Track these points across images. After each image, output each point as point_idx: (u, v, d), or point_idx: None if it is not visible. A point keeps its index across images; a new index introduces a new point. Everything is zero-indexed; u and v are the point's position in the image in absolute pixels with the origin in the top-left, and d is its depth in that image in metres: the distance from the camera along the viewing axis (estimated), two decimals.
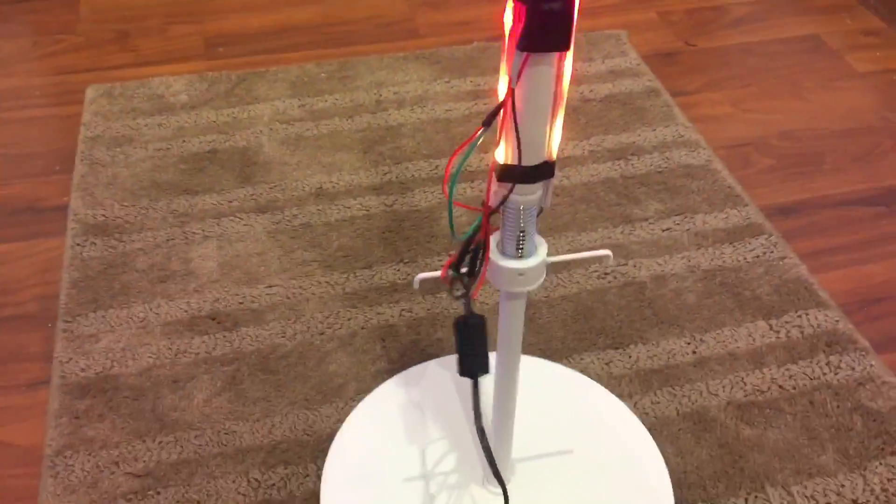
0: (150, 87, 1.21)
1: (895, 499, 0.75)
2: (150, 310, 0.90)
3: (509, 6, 0.45)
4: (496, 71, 1.25)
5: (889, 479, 0.76)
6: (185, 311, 0.90)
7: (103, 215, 1.01)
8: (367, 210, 1.03)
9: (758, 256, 0.97)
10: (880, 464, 0.77)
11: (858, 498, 0.75)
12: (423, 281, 0.56)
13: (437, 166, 1.10)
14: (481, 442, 0.59)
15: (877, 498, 0.75)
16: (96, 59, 1.28)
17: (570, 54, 0.47)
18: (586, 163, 1.10)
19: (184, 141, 1.12)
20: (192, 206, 1.03)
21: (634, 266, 0.96)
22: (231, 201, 1.04)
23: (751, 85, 1.25)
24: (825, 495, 0.75)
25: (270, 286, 0.93)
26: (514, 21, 0.45)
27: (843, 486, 0.76)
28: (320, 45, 1.33)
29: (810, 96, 1.23)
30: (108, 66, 1.27)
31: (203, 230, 1.00)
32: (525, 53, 0.45)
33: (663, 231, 1.01)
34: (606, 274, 0.95)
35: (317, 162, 1.10)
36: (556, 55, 0.46)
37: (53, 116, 1.17)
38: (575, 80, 1.24)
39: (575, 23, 0.44)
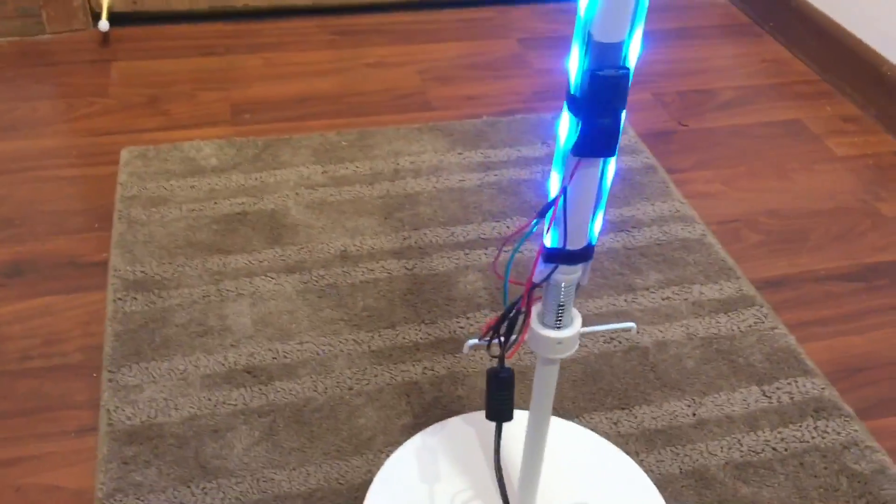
0: (181, 150, 1.29)
1: None
2: (190, 363, 0.97)
3: (564, 118, 0.54)
4: (505, 145, 1.35)
5: None
6: (223, 365, 0.97)
7: (142, 272, 1.08)
8: (389, 273, 1.11)
9: (750, 326, 1.06)
10: None
11: None
12: (472, 347, 0.64)
13: (452, 233, 1.18)
14: (497, 476, 0.66)
15: None
16: (129, 121, 1.36)
17: (614, 158, 0.55)
18: None
19: (215, 203, 1.20)
20: (225, 264, 1.10)
21: (638, 332, 1.04)
22: (262, 261, 1.11)
23: (739, 165, 1.35)
24: None
25: (301, 343, 1.00)
26: (568, 131, 0.54)
27: None
28: (340, 114, 1.41)
29: (794, 177, 1.33)
30: (140, 128, 1.35)
31: (237, 288, 1.07)
32: (577, 158, 0.54)
33: (663, 300, 1.09)
34: (612, 339, 1.03)
35: (340, 226, 1.17)
36: (604, 160, 0.55)
37: (90, 176, 1.24)
38: None
39: (621, 134, 0.53)
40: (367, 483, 0.85)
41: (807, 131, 1.44)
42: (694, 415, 0.95)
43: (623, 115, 0.53)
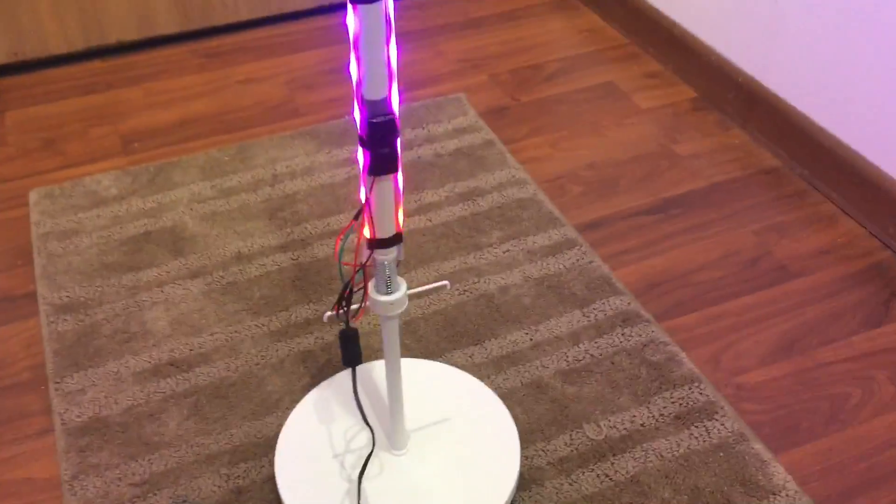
0: (83, 185, 1.47)
1: (667, 418, 1.10)
2: (122, 365, 1.17)
3: (359, 150, 0.77)
4: None
5: (664, 407, 1.12)
6: (149, 362, 1.18)
7: (67, 296, 1.27)
8: (279, 265, 1.33)
9: (573, 263, 1.32)
10: (658, 398, 1.13)
11: (645, 422, 1.10)
12: (329, 318, 0.87)
13: (328, 223, 1.40)
14: (357, 405, 0.91)
15: (655, 420, 1.10)
16: (30, 165, 1.53)
17: (399, 174, 0.79)
18: (444, 206, 1.43)
19: (121, 227, 1.39)
20: (138, 279, 1.30)
21: (485, 282, 1.30)
22: (169, 272, 1.31)
23: (563, 129, 1.61)
24: (623, 423, 1.10)
25: (212, 334, 1.22)
26: (362, 159, 0.77)
27: (634, 416, 1.11)
28: (219, 132, 1.61)
29: (607, 133, 1.60)
30: (42, 170, 1.52)
31: (151, 298, 1.27)
32: (372, 177, 0.77)
33: (504, 253, 1.34)
34: (465, 291, 1.28)
35: (232, 231, 1.39)
36: (391, 175, 0.78)
37: (4, 220, 1.42)
38: (429, 139, 1.57)
39: (400, 159, 0.76)
40: (279, 434, 1.08)
41: (618, 90, 1.71)
42: (531, 340, 1.21)
43: (398, 142, 0.77)
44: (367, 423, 0.96)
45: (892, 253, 1.33)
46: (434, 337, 1.21)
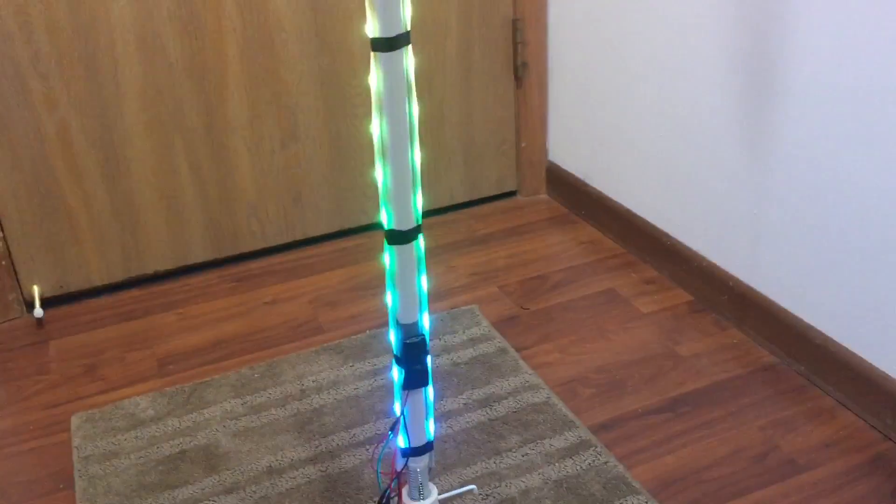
0: (122, 408, 1.56)
1: None
2: None
3: (394, 368, 0.87)
4: (387, 352, 1.68)
5: None
6: None
7: None
8: (308, 478, 1.39)
9: (590, 464, 1.38)
10: None
11: None
12: None
13: (354, 434, 1.47)
14: None
15: None
16: (72, 391, 1.63)
17: (430, 388, 0.88)
18: (463, 413, 1.51)
19: (157, 448, 1.46)
20: (174, 498, 1.36)
21: (506, 486, 1.35)
22: (203, 489, 1.37)
23: (570, 335, 1.72)
24: None
25: None
26: (398, 375, 0.87)
27: None
28: (249, 350, 1.72)
29: (612, 337, 1.71)
30: (84, 395, 1.61)
31: None
32: (406, 391, 0.87)
33: (523, 457, 1.41)
34: (487, 496, 1.33)
35: (263, 447, 1.46)
36: (423, 389, 0.88)
37: (49, 445, 1.49)
38: (446, 349, 1.68)
39: (431, 376, 0.86)
40: None
41: (619, 297, 1.83)
42: None
43: (429, 359, 0.87)
44: None
45: (892, 444, 1.40)
46: None
